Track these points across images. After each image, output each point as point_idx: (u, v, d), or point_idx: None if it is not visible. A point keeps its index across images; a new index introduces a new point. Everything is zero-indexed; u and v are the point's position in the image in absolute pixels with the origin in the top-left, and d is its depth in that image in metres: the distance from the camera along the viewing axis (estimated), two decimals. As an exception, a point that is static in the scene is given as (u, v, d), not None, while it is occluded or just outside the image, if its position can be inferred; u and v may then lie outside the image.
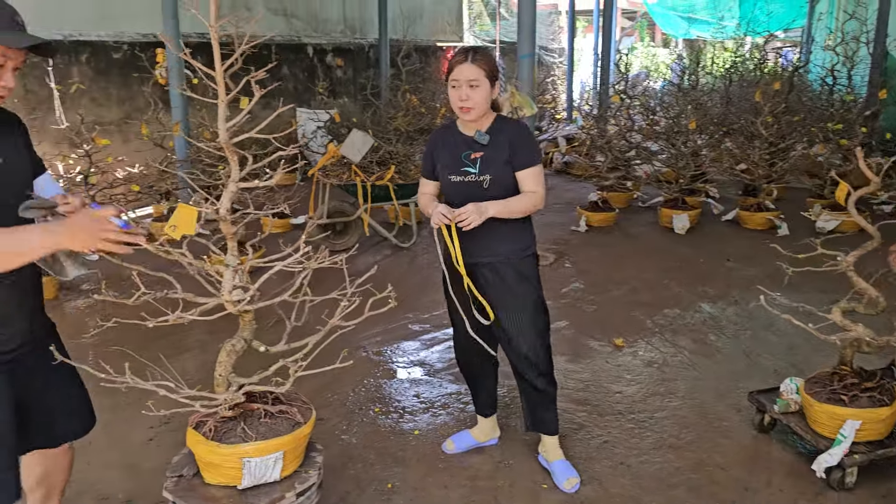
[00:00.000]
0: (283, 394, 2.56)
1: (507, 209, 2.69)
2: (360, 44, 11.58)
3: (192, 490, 2.49)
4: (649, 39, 24.10)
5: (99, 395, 3.28)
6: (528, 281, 2.87)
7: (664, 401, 3.65)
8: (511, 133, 2.74)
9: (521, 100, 5.57)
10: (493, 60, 2.72)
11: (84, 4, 7.57)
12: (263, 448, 2.35)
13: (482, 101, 2.67)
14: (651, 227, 7.08)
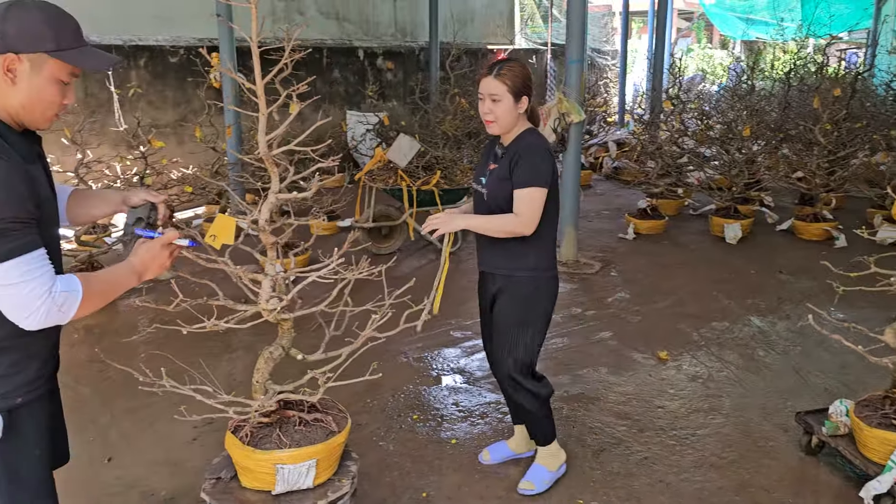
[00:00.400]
0: (321, 401, 2.59)
1: (483, 226, 2.70)
2: (410, 47, 11.65)
3: (229, 493, 2.54)
4: (706, 41, 23.60)
5: (147, 395, 3.39)
6: (521, 302, 2.78)
7: (707, 417, 3.57)
8: (518, 150, 2.67)
9: (568, 106, 5.52)
10: (521, 75, 2.65)
11: (143, 10, 7.81)
12: (296, 455, 2.39)
13: (504, 116, 2.65)
14: (701, 235, 6.94)
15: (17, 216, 1.54)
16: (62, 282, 1.62)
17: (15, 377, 1.68)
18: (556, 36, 15.77)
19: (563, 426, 3.47)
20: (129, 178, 6.64)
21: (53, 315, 1.60)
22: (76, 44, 1.67)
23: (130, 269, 1.81)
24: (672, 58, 9.01)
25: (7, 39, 1.58)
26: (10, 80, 1.61)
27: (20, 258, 1.54)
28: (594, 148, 10.59)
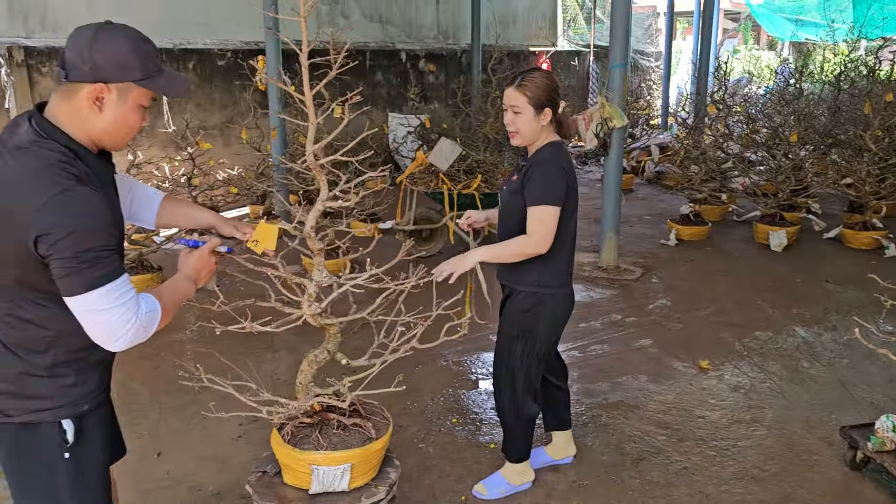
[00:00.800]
0: (364, 406, 2.64)
1: (493, 254, 2.65)
2: (452, 49, 11.70)
3: (271, 487, 2.63)
4: (753, 42, 23.16)
5: (195, 392, 3.49)
6: (517, 316, 2.75)
7: (749, 429, 3.53)
8: (533, 164, 2.62)
9: (610, 110, 5.50)
10: (543, 86, 2.58)
11: (193, 14, 8.00)
12: (331, 458, 2.44)
13: (525, 127, 2.61)
14: (745, 242, 6.84)
15: (106, 244, 1.60)
16: (145, 302, 1.70)
17: (82, 386, 1.77)
18: (599, 37, 15.66)
19: (601, 433, 3.48)
20: (176, 178, 6.81)
21: (140, 336, 1.68)
22: (157, 70, 1.72)
23: (186, 278, 1.91)
24: (717, 60, 8.86)
25: (97, 69, 1.62)
26: (98, 108, 1.65)
27: (109, 285, 1.60)
28: (636, 152, 10.50)
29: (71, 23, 6.75)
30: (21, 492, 1.80)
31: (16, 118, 1.69)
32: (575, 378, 4.07)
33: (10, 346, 1.69)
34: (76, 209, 1.55)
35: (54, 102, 1.67)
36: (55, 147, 1.61)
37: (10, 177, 1.58)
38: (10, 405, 1.71)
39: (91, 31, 1.63)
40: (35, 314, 1.67)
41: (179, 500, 2.99)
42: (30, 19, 6.54)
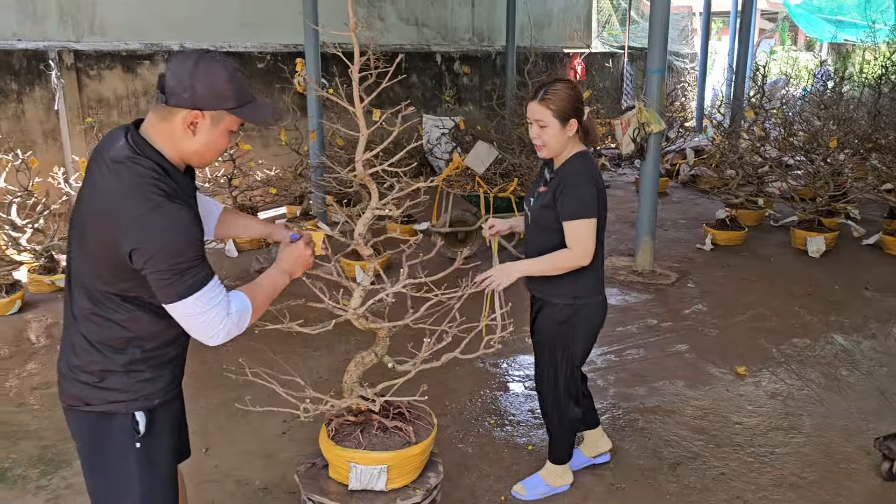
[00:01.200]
0: (410, 409, 2.71)
1: (535, 268, 2.67)
2: (487, 51, 11.75)
3: (316, 479, 2.73)
4: (790, 42, 22.82)
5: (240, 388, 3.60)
6: (554, 327, 2.78)
7: (787, 436, 3.54)
8: (563, 179, 2.62)
9: (648, 116, 5.51)
10: (566, 98, 2.57)
11: (234, 18, 8.16)
12: (367, 458, 2.53)
13: (551, 140, 2.61)
14: (782, 248, 6.79)
15: (195, 255, 1.73)
16: (235, 301, 1.84)
17: (155, 382, 1.91)
18: (633, 38, 15.59)
19: (639, 437, 3.52)
20: (216, 178, 6.97)
21: (233, 331, 1.83)
22: (249, 98, 1.82)
23: (281, 272, 2.05)
24: (755, 64, 8.79)
25: (196, 98, 1.73)
26: (192, 132, 1.77)
27: (199, 292, 1.74)
28: (671, 154, 10.44)
29: (117, 27, 6.97)
30: (93, 475, 1.94)
31: (114, 131, 1.81)
32: (612, 382, 4.11)
33: (95, 342, 1.82)
34: (167, 225, 1.67)
35: (150, 121, 1.78)
36: (148, 164, 1.73)
37: (107, 188, 1.71)
38: (90, 395, 1.85)
39: (192, 61, 1.74)
40: (119, 316, 1.80)
41: (228, 494, 3.09)
42: (79, 24, 6.75)
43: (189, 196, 1.85)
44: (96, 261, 1.74)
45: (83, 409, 1.86)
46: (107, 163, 1.73)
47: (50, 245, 5.66)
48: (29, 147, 6.31)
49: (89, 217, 1.74)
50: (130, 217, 1.66)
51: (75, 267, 1.83)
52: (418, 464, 2.65)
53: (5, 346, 4.63)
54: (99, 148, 1.80)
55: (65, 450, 3.41)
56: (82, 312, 1.82)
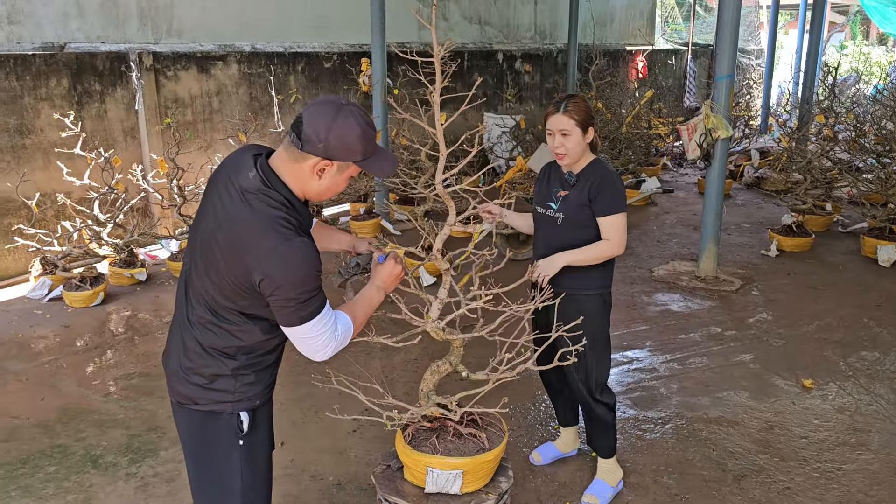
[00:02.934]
0: (483, 417, 2.81)
1: (580, 257, 2.88)
2: (548, 49, 11.73)
3: (391, 480, 2.85)
4: (862, 37, 22.02)
5: (310, 385, 3.75)
6: (587, 318, 2.92)
7: (854, 452, 3.52)
8: (596, 178, 2.87)
9: (715, 121, 5.47)
10: (585, 109, 2.84)
11: (303, 19, 8.37)
12: (443, 463, 2.63)
13: (574, 148, 2.84)
14: (851, 256, 6.64)
15: (316, 285, 1.89)
16: (340, 322, 2.01)
17: (258, 385, 2.06)
18: (697, 34, 15.30)
19: (702, 448, 3.54)
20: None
21: (338, 349, 2.02)
22: (374, 151, 1.95)
23: (377, 289, 2.20)
24: (827, 66, 8.55)
25: (329, 149, 1.85)
26: (318, 176, 1.91)
27: (315, 318, 1.91)
28: (735, 156, 10.27)
29: (193, 29, 7.24)
30: (199, 469, 2.11)
31: (241, 155, 1.94)
32: (675, 391, 4.13)
33: (208, 348, 1.98)
34: (296, 260, 1.82)
35: (281, 158, 1.91)
36: (278, 198, 1.87)
37: (240, 217, 1.84)
38: (200, 395, 2.01)
39: (332, 115, 1.85)
40: (234, 328, 1.96)
41: (303, 488, 3.25)
42: (158, 26, 7.03)
43: (308, 227, 1.99)
44: (223, 280, 1.89)
45: (192, 408, 2.03)
46: (238, 191, 1.86)
47: (130, 240, 5.95)
48: (110, 145, 6.62)
49: (221, 241, 1.87)
50: (264, 249, 1.80)
51: (196, 279, 1.98)
52: (491, 469, 2.75)
53: (90, 337, 4.90)
54: (226, 170, 1.93)
55: (150, 439, 3.62)
56: (200, 321, 1.98)
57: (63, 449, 3.54)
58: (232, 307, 1.93)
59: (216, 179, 1.95)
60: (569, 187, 2.93)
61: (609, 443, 3.18)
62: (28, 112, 6.03)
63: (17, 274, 6.11)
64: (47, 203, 6.19)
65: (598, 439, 3.19)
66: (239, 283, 1.86)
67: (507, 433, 2.80)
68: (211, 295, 1.94)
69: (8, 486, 3.25)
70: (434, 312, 2.61)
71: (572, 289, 2.94)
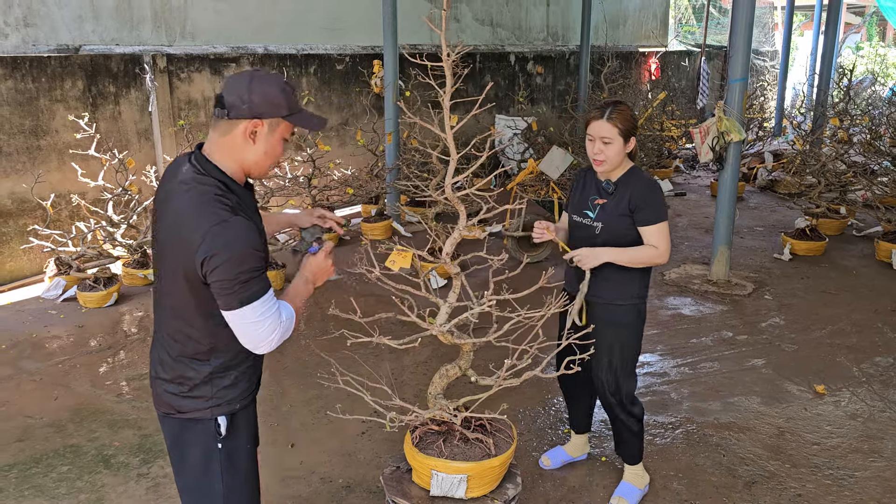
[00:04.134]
0: (492, 422, 2.81)
1: (624, 257, 2.84)
2: (560, 51, 11.70)
3: (399, 482, 2.87)
4: (878, 38, 21.83)
5: (320, 387, 3.77)
6: (621, 328, 2.93)
7: (867, 459, 3.49)
8: (637, 188, 2.84)
9: (728, 124, 5.44)
10: (629, 118, 2.81)
11: (315, 21, 8.39)
12: (448, 467, 2.64)
13: (614, 156, 2.82)
14: (865, 260, 6.58)
15: (256, 265, 1.88)
16: (284, 311, 1.98)
17: (235, 388, 2.07)
18: (711, 36, 15.21)
19: (712, 453, 3.52)
20: (296, 177, 7.21)
21: (281, 339, 1.98)
22: (298, 108, 2.01)
23: (305, 281, 2.18)
24: (842, 68, 8.48)
25: (254, 107, 1.90)
26: (252, 140, 1.94)
27: (258, 301, 1.88)
28: (748, 158, 10.20)
29: (206, 31, 7.28)
30: (181, 473, 2.14)
31: (178, 159, 2.02)
32: (685, 395, 4.11)
33: (179, 357, 2.01)
34: (232, 237, 1.82)
35: (211, 140, 1.97)
36: (212, 182, 1.91)
37: (179, 207, 1.89)
38: (181, 404, 2.03)
39: (247, 78, 1.92)
40: (198, 332, 1.97)
41: (313, 490, 3.26)
42: (172, 28, 7.08)
43: (251, 209, 2.01)
44: (178, 279, 1.91)
45: (174, 416, 2.05)
46: (175, 186, 1.93)
47: (143, 241, 6.00)
48: (124, 146, 6.67)
49: (167, 236, 1.92)
50: (201, 230, 1.82)
51: (160, 290, 2.02)
52: (497, 475, 2.75)
53: (103, 337, 4.94)
54: (167, 177, 2.00)
55: (161, 440, 3.63)
56: (169, 332, 2.01)
57: (76, 449, 3.58)
58: (193, 308, 1.94)
59: (161, 189, 2.00)
60: (606, 195, 2.89)
61: (635, 451, 3.17)
62: (43, 114, 6.09)
63: (32, 274, 6.17)
64: (62, 204, 6.24)
65: (624, 447, 3.18)
66: (189, 275, 1.87)
67: (515, 440, 2.80)
68: (172, 300, 1.96)
69: (21, 485, 3.28)
70: (442, 317, 2.62)
71: (608, 298, 2.92)
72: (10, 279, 6.04)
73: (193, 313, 1.95)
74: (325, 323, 5.07)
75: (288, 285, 2.17)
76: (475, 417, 2.77)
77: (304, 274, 2.19)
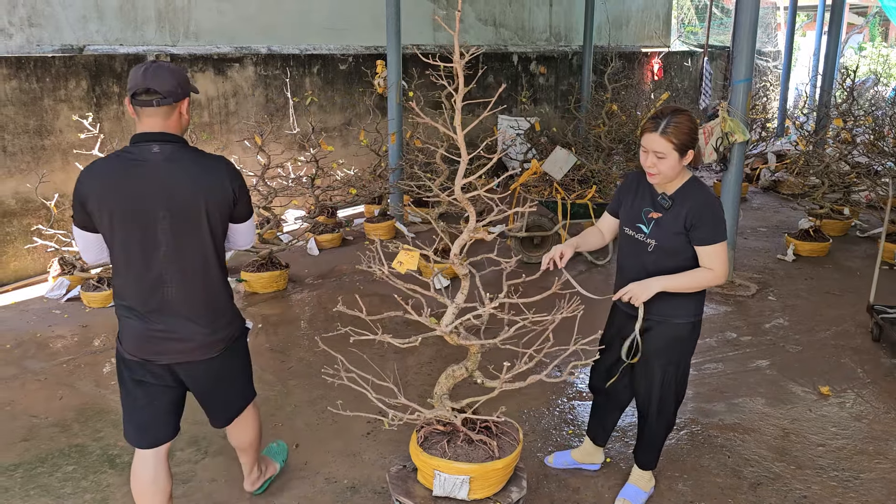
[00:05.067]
0: (497, 425, 2.81)
1: (675, 284, 2.69)
2: (563, 51, 11.70)
3: (404, 481, 2.88)
4: (881, 38, 21.81)
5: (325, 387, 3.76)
6: (676, 344, 2.84)
7: (873, 461, 3.48)
8: (695, 204, 2.67)
9: (732, 125, 5.43)
10: (687, 131, 2.61)
11: (318, 21, 8.40)
12: (450, 468, 2.64)
13: (668, 171, 2.65)
14: (869, 261, 6.57)
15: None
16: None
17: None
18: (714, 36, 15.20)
19: (717, 455, 3.52)
20: (299, 177, 7.21)
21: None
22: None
23: None
24: (845, 68, 8.47)
25: (183, 88, 2.40)
26: (187, 113, 2.46)
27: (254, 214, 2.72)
28: (752, 159, 10.20)
29: (210, 32, 7.28)
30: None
31: (137, 151, 2.36)
32: (690, 396, 4.10)
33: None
34: (237, 169, 2.57)
35: (161, 125, 2.37)
36: (189, 146, 2.45)
37: (184, 169, 2.39)
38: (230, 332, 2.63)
39: (158, 68, 2.35)
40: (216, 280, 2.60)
41: (317, 490, 3.26)
42: (176, 28, 7.08)
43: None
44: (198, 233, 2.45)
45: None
46: (158, 166, 2.35)
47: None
48: (128, 146, 6.67)
49: (191, 202, 2.38)
50: (222, 169, 2.48)
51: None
52: (501, 477, 2.75)
53: (107, 337, 4.95)
54: (126, 172, 2.35)
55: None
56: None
57: (81, 448, 3.58)
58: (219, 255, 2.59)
59: (124, 179, 2.34)
60: (662, 210, 2.72)
61: (653, 458, 3.14)
62: (47, 113, 6.10)
63: (36, 274, 6.18)
64: (66, 204, 6.25)
65: (644, 453, 3.14)
66: (224, 212, 2.49)
67: (521, 443, 2.80)
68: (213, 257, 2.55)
69: (27, 484, 3.28)
70: (448, 317, 2.62)
71: (665, 315, 2.79)
72: (14, 279, 6.05)
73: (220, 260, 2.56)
74: (330, 322, 5.08)
75: (292, 285, 2.32)
76: (481, 420, 2.77)
77: None
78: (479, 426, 2.80)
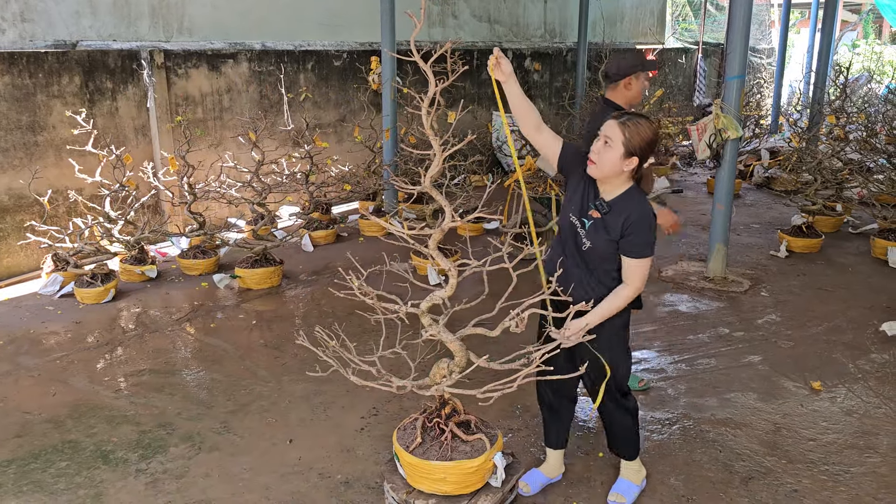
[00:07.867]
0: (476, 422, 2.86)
1: (603, 314, 2.75)
2: (558, 48, 11.71)
3: (397, 472, 2.93)
4: (874, 36, 21.87)
5: (319, 382, 3.77)
6: (620, 332, 2.91)
7: (863, 455, 3.51)
8: (632, 215, 2.67)
9: (725, 122, 5.45)
10: (643, 136, 2.62)
11: (313, 17, 8.39)
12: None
13: (606, 162, 2.63)
14: (861, 257, 6.61)
15: None
16: None
17: None
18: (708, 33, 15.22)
19: (709, 449, 3.54)
20: (294, 174, 7.21)
21: None
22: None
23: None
24: (838, 65, 8.50)
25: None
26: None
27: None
28: (745, 155, 10.23)
29: (204, 27, 7.27)
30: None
31: None
32: (682, 392, 4.13)
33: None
34: None
35: None
36: None
37: None
38: None
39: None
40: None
41: (311, 485, 3.27)
42: (169, 24, 7.06)
43: None
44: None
45: None
46: None
47: (140, 237, 5.99)
48: (121, 142, 6.66)
49: None
50: None
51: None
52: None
53: (101, 333, 4.95)
54: None
55: (160, 436, 3.65)
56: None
57: (74, 444, 3.58)
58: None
59: None
60: (600, 211, 2.73)
61: (631, 446, 3.14)
62: (40, 109, 6.08)
63: (30, 270, 6.16)
64: (59, 200, 6.24)
65: (620, 443, 3.14)
66: None
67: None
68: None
69: (20, 480, 3.28)
70: (424, 305, 2.63)
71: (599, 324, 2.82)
72: (7, 275, 6.04)
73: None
74: (323, 319, 5.08)
75: (286, 281, 2.23)
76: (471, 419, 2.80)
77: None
78: (457, 421, 2.84)
